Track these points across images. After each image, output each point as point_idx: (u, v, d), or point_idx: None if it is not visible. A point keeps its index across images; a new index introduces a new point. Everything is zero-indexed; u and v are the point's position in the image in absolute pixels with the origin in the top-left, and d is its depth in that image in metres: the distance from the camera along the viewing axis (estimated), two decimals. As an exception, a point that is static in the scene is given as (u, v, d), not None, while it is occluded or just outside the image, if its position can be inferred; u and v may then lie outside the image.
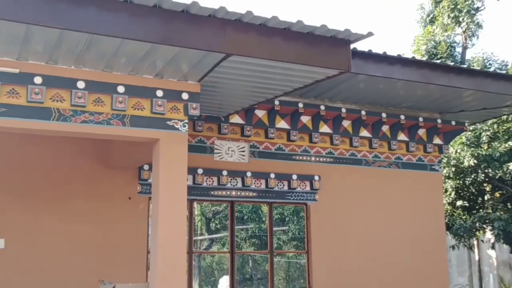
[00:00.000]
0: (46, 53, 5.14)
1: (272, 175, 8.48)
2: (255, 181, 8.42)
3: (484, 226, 14.44)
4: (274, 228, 8.97)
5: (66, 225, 7.30)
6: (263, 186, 8.49)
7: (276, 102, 8.24)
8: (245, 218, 12.43)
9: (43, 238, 7.19)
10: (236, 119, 8.30)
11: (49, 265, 7.16)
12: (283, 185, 8.66)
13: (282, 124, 8.67)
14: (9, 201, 7.08)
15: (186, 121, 5.92)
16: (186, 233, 5.77)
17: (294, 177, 8.64)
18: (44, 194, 7.31)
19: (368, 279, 8.85)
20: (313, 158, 8.92)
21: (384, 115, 9.09)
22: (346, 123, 9.14)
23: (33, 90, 5.27)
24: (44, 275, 7.08)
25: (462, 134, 12.36)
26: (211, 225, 13.90)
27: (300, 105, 8.51)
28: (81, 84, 5.47)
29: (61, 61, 5.33)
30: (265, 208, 9.26)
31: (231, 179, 8.28)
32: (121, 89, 5.63)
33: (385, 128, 9.41)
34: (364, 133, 9.28)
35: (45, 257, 7.16)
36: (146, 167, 7.70)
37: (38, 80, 5.29)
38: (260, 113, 8.46)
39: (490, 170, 14.08)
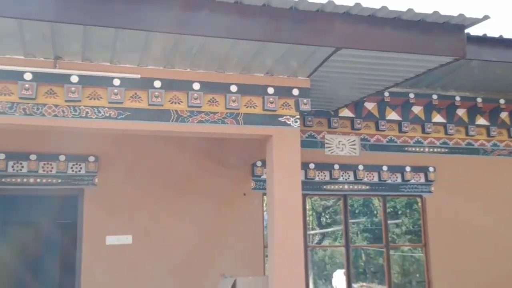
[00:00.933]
0: (164, 58, 5.42)
1: (385, 168, 8.36)
2: (368, 174, 8.34)
3: None
4: (388, 222, 8.82)
5: (186, 222, 7.65)
6: (375, 179, 8.39)
7: (386, 94, 8.11)
8: (356, 212, 12.34)
9: (165, 234, 7.58)
10: (346, 112, 8.27)
11: (172, 260, 7.54)
12: (396, 178, 8.50)
13: (392, 115, 8.51)
14: (136, 200, 7.54)
15: (298, 116, 5.99)
16: (302, 227, 5.84)
17: (408, 169, 8.46)
18: (166, 192, 7.70)
19: (489, 275, 8.46)
20: (426, 149, 8.68)
21: (502, 101, 8.65)
22: (460, 112, 8.80)
23: (153, 94, 5.57)
24: (167, 270, 7.47)
25: None
26: (321, 219, 13.93)
27: (411, 95, 8.32)
28: (196, 86, 5.71)
29: (178, 64, 5.59)
30: (377, 201, 9.14)
31: (343, 173, 8.26)
32: (233, 88, 5.80)
33: (503, 115, 8.95)
34: (481, 121, 8.89)
35: (168, 252, 7.55)
36: (259, 163, 7.89)
37: (157, 84, 5.59)
38: (370, 106, 8.37)
39: None
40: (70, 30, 4.77)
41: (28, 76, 5.21)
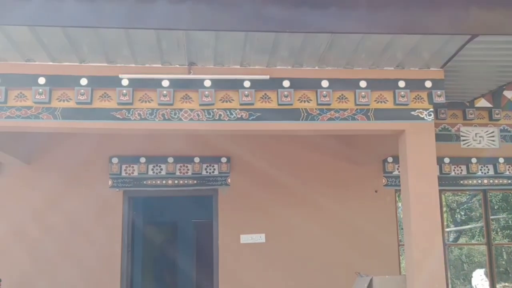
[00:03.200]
0: (292, 58, 5.45)
1: (529, 160, 7.80)
2: (509, 167, 7.82)
3: None
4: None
5: (317, 220, 7.65)
6: (519, 172, 7.86)
7: (527, 80, 7.55)
8: (495, 207, 11.62)
9: (297, 233, 7.63)
10: (482, 102, 7.79)
11: (305, 258, 7.58)
12: (543, 171, 7.90)
13: (535, 103, 7.92)
14: (267, 198, 7.68)
15: (431, 109, 5.75)
16: (440, 224, 5.60)
17: (555, 161, 7.83)
18: (296, 190, 7.76)
19: None
20: None
21: None
22: None
23: (283, 94, 5.62)
24: (301, 268, 7.52)
25: None
26: (456, 216, 13.31)
27: (556, 80, 7.67)
28: (325, 84, 5.67)
29: (306, 63, 5.60)
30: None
31: (482, 167, 7.82)
32: (363, 84, 5.69)
33: None
34: None
35: (301, 251, 7.59)
36: (390, 159, 7.70)
37: (286, 83, 5.62)
38: (510, 94, 7.83)
39: None
40: (203, 36, 4.94)
41: (165, 83, 5.48)
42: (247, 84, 5.57)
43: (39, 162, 7.59)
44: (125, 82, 5.43)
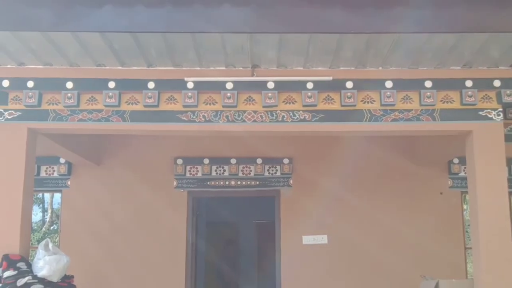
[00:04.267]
0: (355, 58, 5.43)
1: None
2: None
3: None
4: None
5: (382, 222, 7.57)
6: None
7: None
8: None
9: (360, 234, 7.58)
10: (554, 102, 7.49)
11: (368, 260, 7.52)
12: None
13: None
14: (329, 200, 7.66)
15: (500, 109, 5.59)
16: (510, 228, 5.43)
17: None
18: (357, 191, 7.71)
19: None
20: None
21: None
22: None
23: (346, 95, 5.60)
24: (364, 270, 7.47)
25: None
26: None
27: None
28: (389, 84, 5.61)
29: (369, 64, 5.56)
30: None
31: (553, 168, 7.51)
32: (428, 84, 5.59)
33: None
34: None
35: (364, 252, 7.53)
36: (456, 160, 7.53)
37: (349, 84, 5.60)
38: None
39: None
40: (266, 39, 5.00)
41: (229, 86, 5.57)
42: (310, 85, 5.59)
43: (108, 163, 7.86)
44: (190, 85, 5.56)
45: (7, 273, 4.90)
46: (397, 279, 7.30)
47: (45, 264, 5.03)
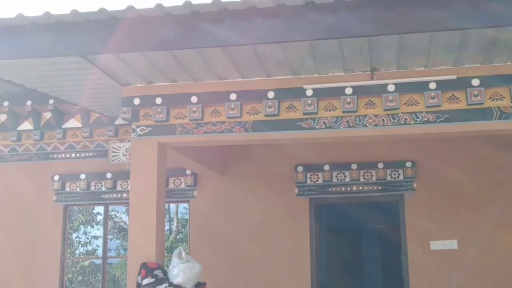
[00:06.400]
0: (481, 54, 5.18)
1: None
2: None
3: None
4: None
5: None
6: None
7: None
8: None
9: (494, 239, 7.18)
10: None
11: (497, 268, 7.12)
12: None
13: None
14: (459, 203, 7.35)
15: None
16: None
17: None
18: (488, 193, 7.33)
19: None
20: None
21: None
22: None
23: (472, 93, 5.36)
24: (500, 279, 7.06)
25: None
26: None
27: None
28: (518, 80, 5.30)
29: (496, 59, 5.28)
30: None
31: None
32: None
33: None
34: None
35: (492, 260, 7.13)
36: None
37: (475, 82, 5.35)
38: None
39: None
40: (385, 41, 4.91)
41: (348, 91, 5.54)
42: (432, 85, 5.42)
43: (231, 173, 8.09)
44: (309, 92, 5.60)
45: (146, 281, 5.20)
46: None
47: (180, 271, 5.28)
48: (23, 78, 5.78)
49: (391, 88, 5.48)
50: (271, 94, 5.67)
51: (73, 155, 8.31)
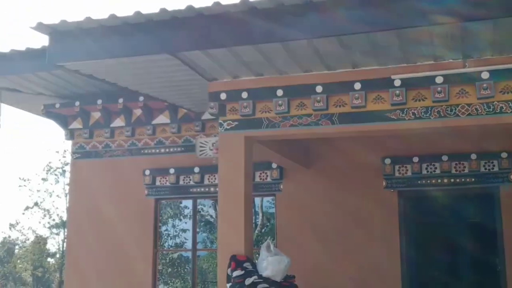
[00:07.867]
0: None
1: None
2: None
3: None
4: None
5: None
6: None
7: None
8: None
9: None
10: None
11: None
12: None
13: None
14: None
15: None
16: None
17: None
18: None
19: None
20: None
21: None
22: None
23: None
24: None
25: None
26: None
27: None
28: None
29: None
30: None
31: None
32: None
33: None
34: None
35: None
36: None
37: None
38: None
39: None
40: (479, 26, 4.68)
41: (439, 80, 5.33)
42: (531, 71, 5.12)
43: (317, 166, 8.04)
44: (397, 83, 5.45)
45: (236, 273, 5.27)
46: None
47: (268, 264, 5.31)
48: (116, 77, 6.01)
49: (485, 75, 5.22)
50: (357, 86, 5.56)
51: (162, 150, 8.55)
